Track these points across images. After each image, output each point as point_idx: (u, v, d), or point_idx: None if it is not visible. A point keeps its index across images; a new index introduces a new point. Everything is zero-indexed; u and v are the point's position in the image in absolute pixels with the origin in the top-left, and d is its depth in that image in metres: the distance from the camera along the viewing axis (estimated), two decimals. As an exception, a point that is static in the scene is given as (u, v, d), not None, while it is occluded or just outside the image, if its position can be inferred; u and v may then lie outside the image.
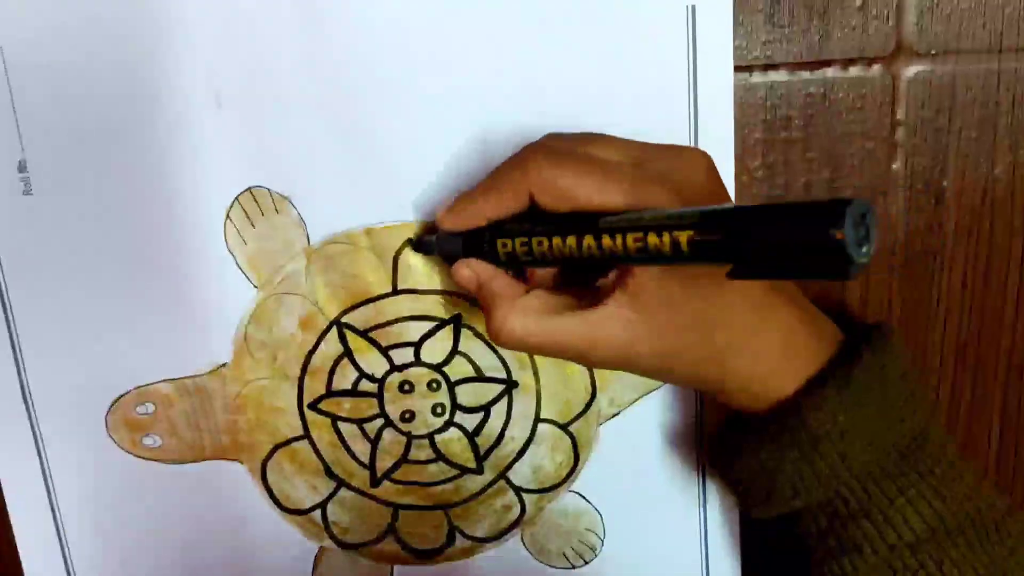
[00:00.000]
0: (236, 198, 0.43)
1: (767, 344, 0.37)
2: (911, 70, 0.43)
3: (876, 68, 0.43)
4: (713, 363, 0.37)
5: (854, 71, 0.43)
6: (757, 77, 0.43)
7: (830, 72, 0.43)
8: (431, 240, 0.41)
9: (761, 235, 0.28)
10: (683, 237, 0.30)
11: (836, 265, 0.26)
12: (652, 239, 0.31)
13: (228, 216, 0.43)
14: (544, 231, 0.35)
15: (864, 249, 0.26)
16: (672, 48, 0.41)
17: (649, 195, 0.34)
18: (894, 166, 0.45)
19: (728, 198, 0.39)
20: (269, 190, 0.43)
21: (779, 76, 0.43)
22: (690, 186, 0.35)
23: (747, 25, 0.43)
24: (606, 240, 0.33)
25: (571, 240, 0.34)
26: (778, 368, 0.38)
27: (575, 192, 0.35)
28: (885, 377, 0.37)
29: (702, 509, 0.48)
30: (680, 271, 0.35)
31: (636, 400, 0.46)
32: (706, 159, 0.37)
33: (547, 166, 0.35)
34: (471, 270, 0.39)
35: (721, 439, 0.42)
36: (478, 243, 0.38)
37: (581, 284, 0.39)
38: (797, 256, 0.27)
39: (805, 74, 0.43)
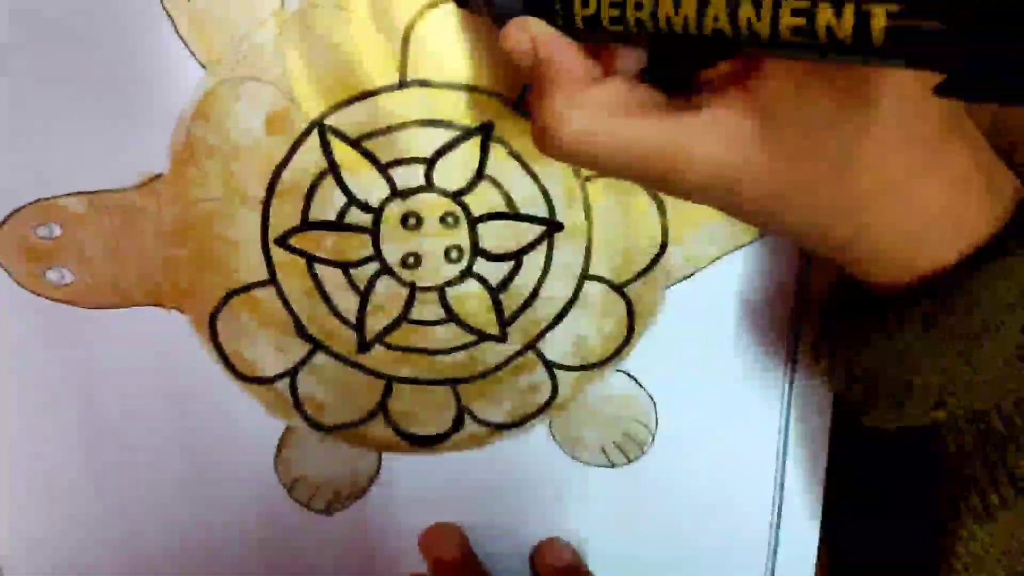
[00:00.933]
0: (175, -74, 0.29)
1: (928, 193, 0.26)
2: None
3: None
4: (847, 211, 0.26)
5: None
6: None
7: None
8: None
9: (1011, 30, 0.17)
10: (879, 13, 0.19)
11: None
12: (824, 14, 0.20)
13: (164, -45, 0.29)
14: None
15: None
16: None
17: None
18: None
19: None
20: (224, -84, 0.29)
21: None
22: None
23: None
24: (745, 8, 0.21)
25: (688, 5, 0.22)
26: (938, 227, 0.27)
27: None
28: None
29: (785, 410, 0.37)
30: (831, 74, 0.24)
31: (718, 258, 0.35)
32: None
33: None
34: (527, 33, 0.26)
35: (837, 320, 0.31)
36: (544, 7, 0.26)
37: (675, 80, 0.27)
38: None
39: None
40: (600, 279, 0.35)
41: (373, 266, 0.34)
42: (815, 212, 0.26)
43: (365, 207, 0.33)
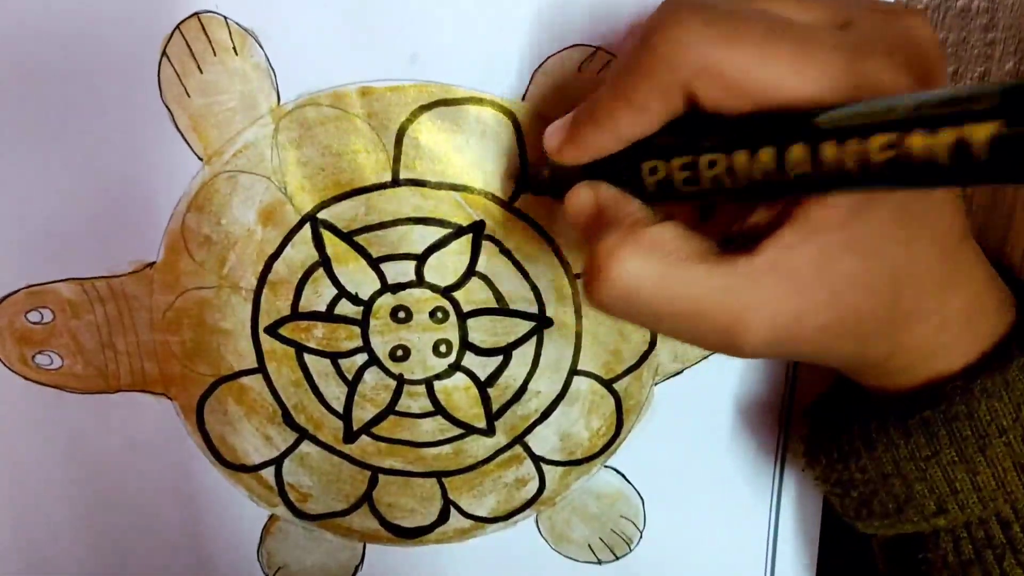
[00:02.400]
0: (177, 26, 0.30)
1: (956, 307, 0.26)
2: None
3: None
4: (888, 333, 0.26)
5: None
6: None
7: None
8: (542, 175, 0.29)
9: None
10: (980, 135, 0.18)
11: None
12: (918, 141, 0.19)
13: (165, 53, 0.30)
14: (719, 143, 0.23)
15: None
16: None
17: (874, 74, 0.22)
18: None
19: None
20: (226, 18, 0.30)
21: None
22: (918, 60, 0.23)
23: None
24: (829, 150, 0.20)
25: (766, 154, 0.22)
26: (960, 339, 0.27)
27: (759, 77, 0.22)
28: None
29: (774, 509, 0.37)
30: (883, 199, 0.23)
31: (706, 356, 0.35)
32: (927, 20, 0.24)
33: (709, 41, 0.22)
34: (592, 191, 0.26)
35: (827, 424, 0.31)
36: (610, 170, 0.26)
37: (720, 227, 0.26)
38: None
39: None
40: (589, 374, 0.35)
41: (362, 357, 0.34)
42: (862, 340, 0.25)
43: (355, 299, 0.33)
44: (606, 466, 0.36)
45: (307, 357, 0.34)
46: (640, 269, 0.23)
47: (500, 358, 0.34)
